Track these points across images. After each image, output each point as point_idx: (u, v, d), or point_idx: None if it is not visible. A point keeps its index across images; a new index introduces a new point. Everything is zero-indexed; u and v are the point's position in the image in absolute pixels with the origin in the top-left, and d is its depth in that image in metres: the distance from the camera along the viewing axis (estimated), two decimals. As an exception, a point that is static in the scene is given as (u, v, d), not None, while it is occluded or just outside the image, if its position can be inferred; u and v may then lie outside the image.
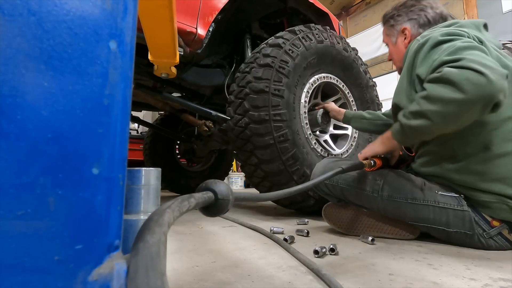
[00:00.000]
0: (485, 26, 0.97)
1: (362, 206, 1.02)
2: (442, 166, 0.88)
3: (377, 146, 0.97)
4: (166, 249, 0.23)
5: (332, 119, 1.62)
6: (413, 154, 1.06)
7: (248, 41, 1.83)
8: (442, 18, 1.03)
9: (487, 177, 0.81)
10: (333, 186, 1.05)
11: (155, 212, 0.26)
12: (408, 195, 0.90)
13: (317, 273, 0.61)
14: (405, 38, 1.07)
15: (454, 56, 0.72)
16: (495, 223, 0.82)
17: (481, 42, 0.83)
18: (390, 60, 1.17)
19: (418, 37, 0.90)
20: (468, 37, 0.82)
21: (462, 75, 0.67)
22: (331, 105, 1.54)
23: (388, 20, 1.13)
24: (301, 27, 1.54)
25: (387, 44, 1.16)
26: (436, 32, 0.85)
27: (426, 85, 0.76)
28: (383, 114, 1.35)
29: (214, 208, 0.36)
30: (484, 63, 0.67)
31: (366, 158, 0.98)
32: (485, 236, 0.83)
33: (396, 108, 0.98)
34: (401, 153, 1.10)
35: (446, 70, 0.70)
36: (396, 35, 1.10)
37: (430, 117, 0.74)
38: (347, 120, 1.44)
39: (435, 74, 0.73)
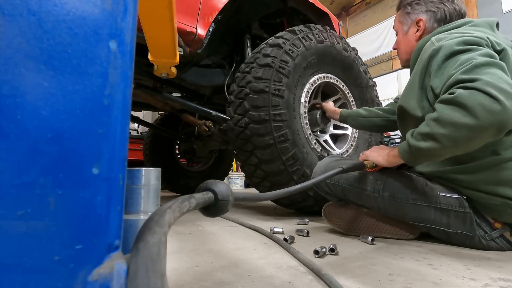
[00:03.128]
0: (497, 25, 0.93)
1: (362, 206, 1.02)
2: (448, 168, 0.87)
3: (381, 159, 0.93)
4: (166, 249, 0.23)
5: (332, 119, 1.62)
6: None
7: (248, 41, 1.83)
8: (460, 16, 0.98)
9: (495, 180, 0.79)
10: (334, 185, 1.05)
11: (155, 212, 0.27)
12: (409, 195, 0.90)
13: (317, 273, 0.61)
14: (417, 31, 1.02)
15: (470, 76, 0.68)
16: (497, 225, 0.82)
17: (501, 49, 0.80)
18: (395, 49, 1.12)
19: (433, 39, 0.86)
20: (486, 45, 0.78)
21: (475, 100, 0.64)
22: (328, 104, 1.52)
23: (405, 6, 1.06)
24: (301, 27, 1.54)
25: (396, 32, 1.10)
26: (451, 40, 0.80)
27: (437, 105, 0.72)
28: (381, 109, 1.31)
29: (214, 209, 0.37)
30: (500, 87, 0.64)
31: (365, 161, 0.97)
32: (486, 238, 0.82)
33: (402, 111, 0.96)
34: None
35: (459, 92, 0.67)
36: (409, 24, 1.04)
37: (440, 140, 0.71)
38: (343, 119, 1.41)
39: (447, 96, 0.70)
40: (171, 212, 0.27)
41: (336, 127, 1.69)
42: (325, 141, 1.62)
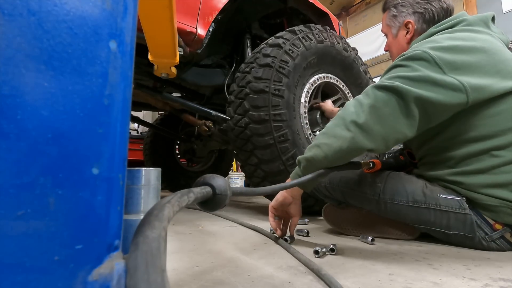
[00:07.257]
0: (493, 19, 0.91)
1: (362, 208, 1.02)
2: (447, 171, 0.87)
3: (277, 197, 0.92)
4: (166, 244, 0.23)
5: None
6: (415, 161, 1.04)
7: (248, 41, 1.83)
8: (447, 13, 0.97)
9: (493, 183, 0.79)
10: (333, 189, 1.04)
11: (154, 206, 0.26)
12: (409, 197, 0.89)
13: (317, 273, 0.61)
14: (407, 33, 1.01)
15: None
16: (497, 226, 0.81)
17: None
18: (386, 50, 1.13)
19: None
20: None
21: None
22: (327, 104, 1.52)
23: (390, 8, 1.05)
24: (301, 27, 1.54)
25: (385, 34, 1.09)
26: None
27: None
28: None
29: (212, 203, 0.37)
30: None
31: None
32: (486, 239, 0.82)
33: None
34: (402, 158, 1.09)
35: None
36: (398, 27, 1.03)
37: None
38: None
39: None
40: (171, 207, 0.27)
41: (336, 127, 1.69)
42: (325, 141, 1.61)
